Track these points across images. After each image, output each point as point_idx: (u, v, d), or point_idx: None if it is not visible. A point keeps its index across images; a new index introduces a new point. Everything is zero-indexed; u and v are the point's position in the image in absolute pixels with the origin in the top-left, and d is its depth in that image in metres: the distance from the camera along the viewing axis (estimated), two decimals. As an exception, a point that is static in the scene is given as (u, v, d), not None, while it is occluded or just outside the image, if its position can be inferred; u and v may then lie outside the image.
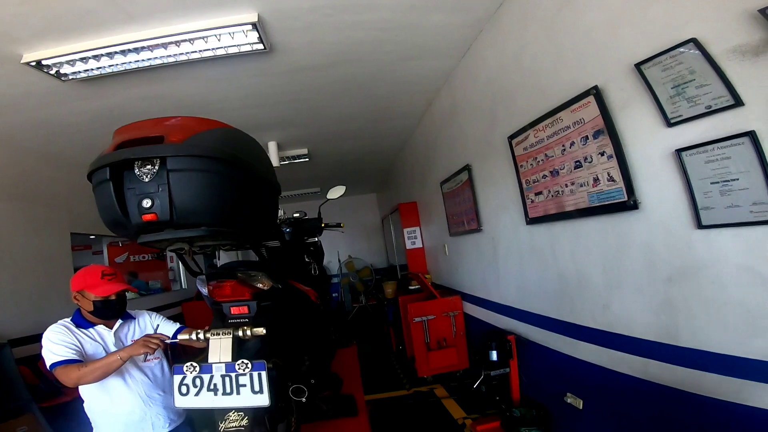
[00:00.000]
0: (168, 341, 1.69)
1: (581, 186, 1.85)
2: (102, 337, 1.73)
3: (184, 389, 1.25)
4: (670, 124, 1.38)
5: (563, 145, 1.94)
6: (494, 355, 2.64)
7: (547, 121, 2.03)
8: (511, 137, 2.36)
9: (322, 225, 2.33)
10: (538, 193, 2.19)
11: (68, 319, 1.75)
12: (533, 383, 2.61)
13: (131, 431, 1.77)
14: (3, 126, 3.16)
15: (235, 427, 1.26)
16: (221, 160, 1.00)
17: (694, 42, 1.25)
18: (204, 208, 0.98)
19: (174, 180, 0.93)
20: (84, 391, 1.73)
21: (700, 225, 1.33)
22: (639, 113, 1.52)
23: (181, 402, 1.27)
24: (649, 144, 1.50)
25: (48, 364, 1.59)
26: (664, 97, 1.38)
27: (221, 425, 1.27)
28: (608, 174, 1.68)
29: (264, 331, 1.29)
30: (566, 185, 1.95)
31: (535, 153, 2.16)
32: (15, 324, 3.33)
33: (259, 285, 1.44)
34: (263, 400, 1.22)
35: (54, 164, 4.07)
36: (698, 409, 1.45)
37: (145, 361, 1.84)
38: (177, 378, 1.26)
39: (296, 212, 2.35)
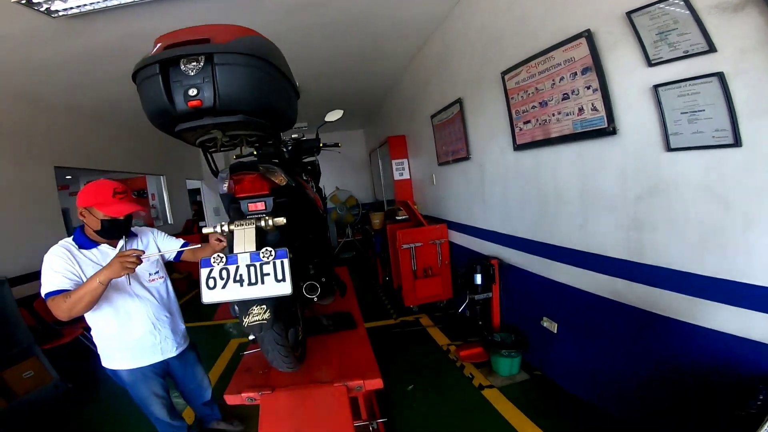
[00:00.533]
0: (148, 257, 1.64)
1: (567, 115, 2.10)
2: (105, 257, 1.70)
3: (211, 283, 1.27)
4: (651, 64, 1.61)
5: (553, 80, 2.15)
6: (478, 279, 2.84)
7: (539, 59, 2.21)
8: (504, 73, 2.52)
9: (320, 145, 2.38)
10: (526, 122, 2.42)
11: (70, 239, 1.70)
12: (514, 308, 2.87)
13: (141, 356, 1.81)
14: None
15: (258, 320, 1.31)
16: (261, 59, 1.17)
17: (682, -4, 1.46)
18: (243, 98, 1.15)
19: (220, 73, 1.09)
20: (91, 318, 1.73)
21: (669, 148, 1.60)
22: (624, 54, 1.73)
23: (209, 297, 1.27)
24: (631, 80, 1.73)
25: (43, 292, 1.55)
26: (649, 41, 1.60)
27: (245, 320, 1.31)
28: (592, 105, 1.94)
29: (284, 221, 1.36)
30: (553, 114, 2.19)
31: (526, 87, 2.36)
32: (7, 263, 3.36)
33: (277, 180, 1.47)
34: (286, 288, 1.27)
35: (33, 103, 3.93)
36: (655, 329, 1.76)
37: (149, 281, 1.86)
38: (204, 272, 1.27)
39: (294, 134, 2.41)
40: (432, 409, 2.46)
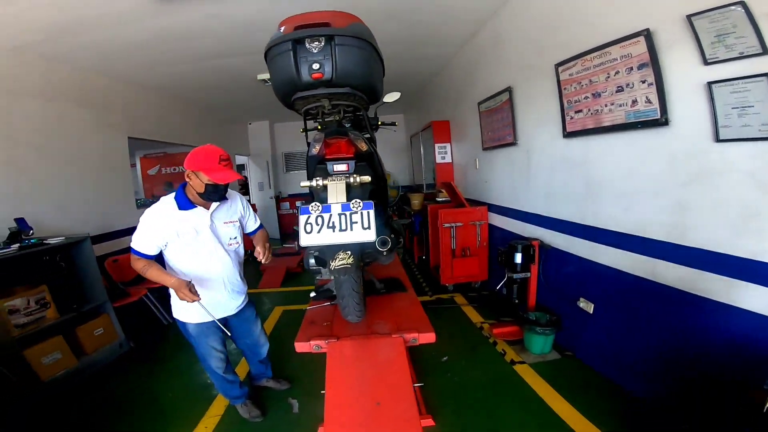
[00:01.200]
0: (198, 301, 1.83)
1: (620, 106, 2.21)
2: (198, 218, 1.90)
3: (308, 228, 1.47)
4: (706, 63, 1.73)
5: (608, 74, 2.25)
6: (518, 258, 2.97)
7: (595, 54, 2.32)
8: (559, 65, 2.63)
9: (379, 123, 2.56)
10: (578, 111, 2.53)
11: (172, 197, 1.89)
12: (550, 288, 2.99)
13: (209, 308, 1.98)
14: (65, 47, 3.37)
15: (344, 264, 1.52)
16: (368, 43, 1.43)
17: (742, 4, 1.57)
18: (353, 74, 1.41)
19: (339, 52, 1.35)
20: (172, 271, 1.97)
21: (718, 139, 1.73)
22: (682, 53, 1.85)
23: (306, 240, 1.46)
24: (686, 77, 1.85)
25: (131, 243, 1.86)
26: (707, 42, 1.72)
27: (332, 263, 1.52)
28: (646, 97, 2.05)
29: (369, 179, 1.58)
30: (606, 105, 2.30)
31: (580, 78, 2.47)
32: (85, 223, 3.72)
33: (360, 146, 1.65)
34: (371, 235, 1.47)
35: (113, 78, 4.35)
36: (692, 309, 1.90)
37: (228, 245, 2.05)
38: (303, 218, 1.47)
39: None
40: (464, 379, 2.61)
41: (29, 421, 2.48)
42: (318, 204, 1.49)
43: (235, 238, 2.09)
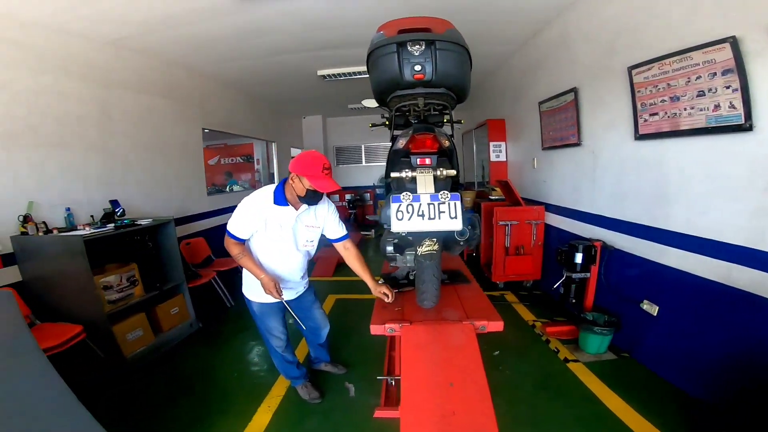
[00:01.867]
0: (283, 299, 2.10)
1: (701, 110, 2.20)
2: (286, 216, 2.04)
3: (399, 215, 1.57)
4: None
5: (688, 78, 2.25)
6: (579, 258, 2.99)
7: (675, 58, 2.31)
8: (632, 67, 2.63)
9: (445, 120, 2.66)
10: (653, 114, 2.53)
11: (272, 189, 2.03)
12: (610, 289, 3.00)
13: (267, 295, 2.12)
14: (155, 41, 3.71)
15: (430, 250, 1.62)
16: (463, 48, 1.56)
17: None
18: (449, 76, 1.54)
19: (439, 56, 1.49)
20: (254, 252, 2.12)
21: None
22: None
23: (398, 226, 1.56)
24: None
25: (228, 225, 2.01)
26: None
27: (419, 249, 1.62)
28: (730, 102, 2.03)
29: (455, 173, 1.68)
30: (685, 109, 2.29)
31: (656, 82, 2.46)
32: (162, 208, 4.07)
33: (444, 142, 1.74)
34: (457, 224, 1.56)
35: (189, 72, 4.72)
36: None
37: (303, 245, 2.18)
38: (394, 206, 1.57)
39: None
40: (517, 373, 2.67)
41: (113, 397, 2.61)
42: (408, 193, 1.60)
43: (312, 241, 2.22)
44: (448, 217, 1.60)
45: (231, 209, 2.14)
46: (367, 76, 1.83)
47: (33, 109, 2.94)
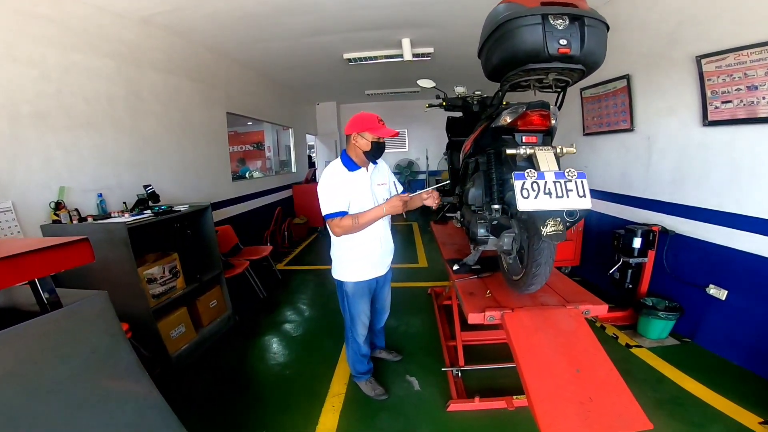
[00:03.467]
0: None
1: (781, 99, 2.23)
2: (362, 179, 2.08)
3: (525, 193, 1.48)
4: None
5: (769, 69, 2.28)
6: (637, 242, 2.98)
7: (755, 49, 2.33)
8: (702, 57, 2.64)
9: (504, 103, 2.61)
10: (725, 102, 2.55)
11: (339, 162, 2.08)
12: (670, 274, 2.99)
13: (367, 270, 2.20)
14: (186, 19, 3.54)
15: (554, 231, 1.51)
16: (606, 26, 1.49)
17: None
18: (591, 53, 1.45)
19: (588, 33, 1.42)
20: (337, 237, 2.10)
21: None
22: None
23: (524, 205, 1.47)
24: None
25: (325, 212, 1.99)
26: None
27: (543, 230, 1.51)
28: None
29: (575, 150, 1.59)
30: (764, 97, 2.32)
31: (731, 71, 2.48)
32: (193, 193, 3.91)
33: (552, 121, 1.66)
34: (587, 203, 1.46)
35: (214, 54, 4.54)
36: None
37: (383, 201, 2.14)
38: (518, 183, 1.47)
39: (477, 90, 2.71)
40: None
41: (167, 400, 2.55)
42: (532, 170, 1.52)
43: (387, 199, 2.20)
44: (576, 195, 1.51)
45: (255, 195, 2.08)
46: (415, 58, 1.71)
47: (63, 87, 2.75)
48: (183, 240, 3.21)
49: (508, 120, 1.72)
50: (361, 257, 2.19)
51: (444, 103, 2.79)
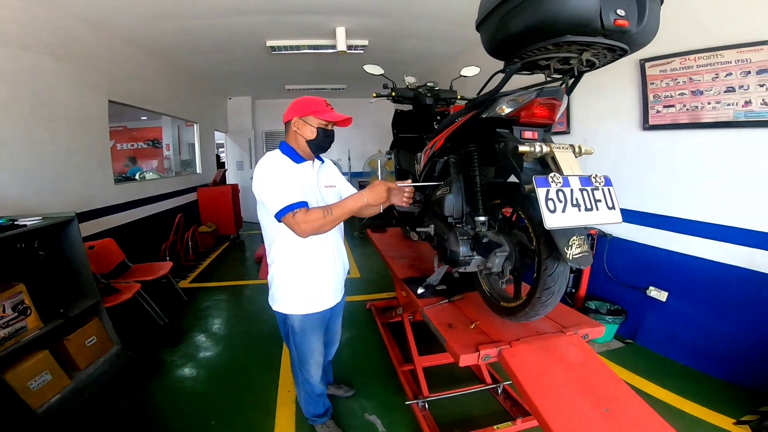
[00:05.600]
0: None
1: (728, 105, 2.20)
2: (309, 176, 1.61)
3: (551, 205, 1.15)
4: None
5: (717, 74, 2.24)
6: None
7: (703, 54, 2.29)
8: (646, 60, 2.58)
9: (459, 97, 2.33)
10: (668, 106, 2.50)
11: (278, 152, 1.59)
12: (611, 277, 2.92)
13: (319, 298, 1.68)
14: None
15: (581, 253, 1.21)
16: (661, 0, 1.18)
17: None
18: (649, 30, 1.13)
19: (650, 4, 1.09)
20: (277, 249, 1.61)
21: None
22: None
23: (552, 221, 1.14)
24: None
25: (278, 208, 1.42)
26: None
27: (569, 252, 1.19)
28: (763, 100, 2.06)
29: (593, 151, 1.29)
30: (709, 103, 2.28)
31: (676, 75, 2.43)
32: (54, 200, 2.95)
33: (558, 114, 1.38)
34: (617, 216, 1.20)
35: (99, 29, 3.47)
36: None
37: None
38: (542, 192, 1.14)
39: (430, 81, 2.39)
40: None
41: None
42: (556, 174, 1.17)
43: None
44: (605, 206, 1.20)
45: (149, 200, 1.46)
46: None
47: None
48: (34, 264, 2.31)
49: (507, 110, 1.34)
50: (312, 280, 1.66)
51: (393, 94, 2.35)
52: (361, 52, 4.39)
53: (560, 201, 1.17)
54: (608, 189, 1.23)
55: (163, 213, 4.77)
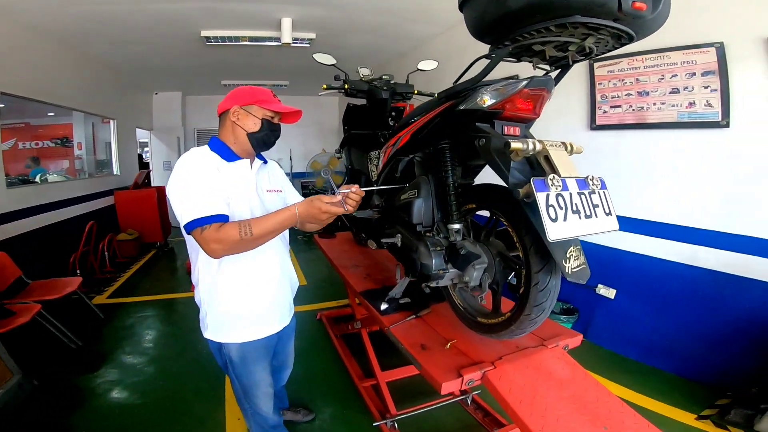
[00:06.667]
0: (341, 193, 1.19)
1: (673, 106, 2.23)
2: (245, 179, 1.31)
3: (552, 213, 0.98)
4: None
5: (662, 75, 2.26)
6: None
7: (650, 55, 2.31)
8: (595, 60, 2.55)
9: (415, 92, 2.18)
10: (615, 106, 2.51)
11: (205, 149, 1.29)
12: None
13: (262, 323, 1.38)
14: None
15: (579, 266, 1.08)
16: None
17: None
18: (660, 18, 0.99)
19: None
20: (207, 267, 1.29)
21: None
22: (752, 68, 1.97)
23: (556, 232, 0.97)
24: (755, 88, 1.97)
25: (186, 220, 1.11)
26: None
27: (566, 265, 1.05)
28: (707, 101, 2.09)
29: (583, 150, 1.13)
30: (654, 104, 2.31)
31: (624, 76, 2.44)
32: None
33: (543, 106, 1.23)
34: (614, 223, 1.08)
35: None
36: (743, 290, 2.02)
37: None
38: (541, 197, 0.96)
39: (385, 74, 2.18)
40: None
41: None
42: (555, 176, 1.00)
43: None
44: (603, 213, 1.07)
45: (49, 207, 1.11)
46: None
47: None
48: None
49: (490, 101, 1.15)
50: (250, 303, 1.35)
51: (346, 87, 2.09)
52: (308, 45, 4.05)
53: (561, 208, 0.99)
54: (604, 192, 1.10)
55: (71, 220, 4.04)
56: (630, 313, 2.57)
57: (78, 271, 3.66)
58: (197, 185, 1.14)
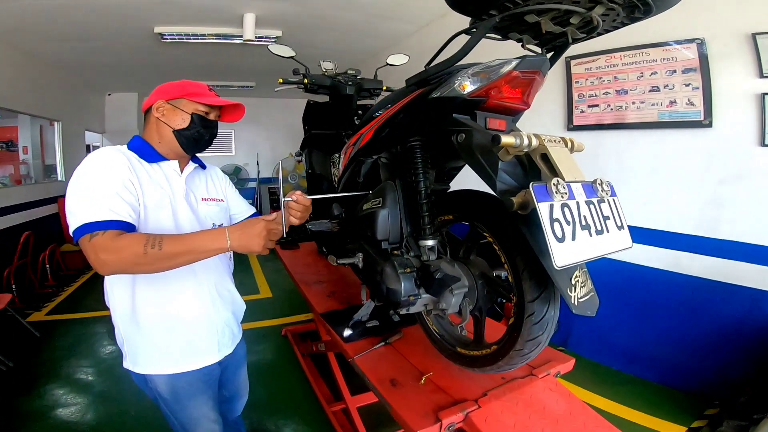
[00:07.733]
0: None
1: (653, 105, 2.09)
2: (169, 182, 1.08)
3: (558, 229, 0.74)
4: (763, 76, 1.75)
5: (641, 73, 2.13)
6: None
7: (628, 52, 2.18)
8: (572, 57, 2.42)
9: (384, 88, 1.99)
10: (592, 106, 2.37)
11: (122, 147, 1.06)
12: None
13: (193, 354, 1.11)
14: None
15: (587, 294, 0.88)
16: None
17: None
18: None
19: None
20: (119, 291, 1.04)
21: (763, 143, 1.76)
22: (735, 64, 1.85)
23: (564, 256, 0.73)
24: (738, 86, 1.85)
25: (75, 225, 0.86)
26: (766, 58, 1.73)
27: (572, 294, 0.82)
28: (688, 100, 1.97)
29: (584, 148, 0.92)
30: (633, 102, 2.17)
31: (601, 74, 2.30)
32: None
33: (535, 93, 1.03)
34: (627, 240, 0.89)
35: None
36: (727, 296, 1.91)
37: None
38: (544, 209, 0.73)
39: (351, 69, 1.99)
40: None
41: None
42: (563, 182, 0.76)
43: (221, 225, 1.20)
44: (615, 226, 0.86)
45: None
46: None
47: None
48: None
49: (471, 87, 0.92)
50: (179, 331, 1.09)
51: (306, 81, 1.84)
52: (273, 43, 3.75)
53: (568, 222, 0.76)
54: (614, 200, 0.88)
55: (7, 231, 3.60)
56: (611, 322, 2.43)
57: (13, 287, 3.24)
58: (97, 185, 0.90)
